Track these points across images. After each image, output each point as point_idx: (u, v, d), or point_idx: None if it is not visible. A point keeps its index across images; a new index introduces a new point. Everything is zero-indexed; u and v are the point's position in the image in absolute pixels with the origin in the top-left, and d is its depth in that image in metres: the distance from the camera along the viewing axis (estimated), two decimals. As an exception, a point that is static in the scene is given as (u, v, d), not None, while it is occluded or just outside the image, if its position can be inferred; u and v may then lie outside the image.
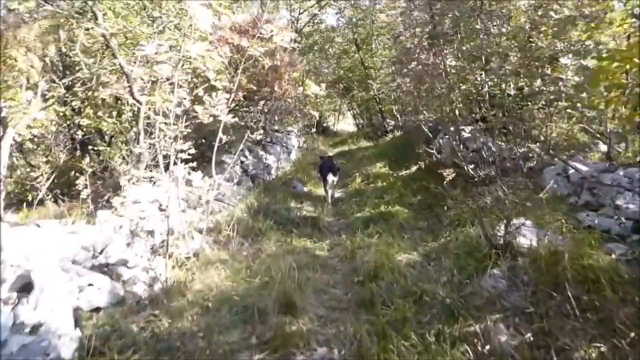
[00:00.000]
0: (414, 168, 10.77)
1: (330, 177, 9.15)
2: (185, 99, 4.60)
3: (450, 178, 7.50)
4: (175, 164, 5.24)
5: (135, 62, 6.13)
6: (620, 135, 6.94)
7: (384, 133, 19.14)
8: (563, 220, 5.37)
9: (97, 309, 4.25)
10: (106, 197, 6.47)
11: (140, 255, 5.33)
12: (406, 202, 8.35)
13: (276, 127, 13.50)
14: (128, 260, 4.90)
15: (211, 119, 5.16)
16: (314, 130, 18.74)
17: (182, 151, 4.87)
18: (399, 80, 12.02)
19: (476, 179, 7.62)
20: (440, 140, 11.09)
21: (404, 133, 16.54)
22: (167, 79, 4.80)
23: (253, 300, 4.59)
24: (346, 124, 32.29)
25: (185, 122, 5.37)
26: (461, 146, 9.49)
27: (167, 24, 4.91)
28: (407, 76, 9.62)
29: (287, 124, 14.10)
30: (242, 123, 11.23)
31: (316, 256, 6.23)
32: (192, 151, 5.29)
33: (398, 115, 18.15)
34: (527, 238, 4.92)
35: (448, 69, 7.77)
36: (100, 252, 4.80)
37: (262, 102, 11.05)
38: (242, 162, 9.47)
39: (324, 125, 28.77)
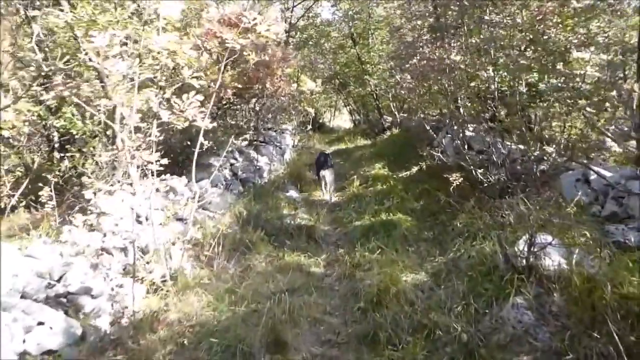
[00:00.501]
0: (414, 169, 10.09)
1: (322, 172, 9.25)
2: (152, 100, 3.89)
3: (457, 183, 6.80)
4: (145, 176, 4.53)
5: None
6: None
7: (381, 130, 18.47)
8: (589, 235, 4.69)
9: (49, 352, 3.54)
10: (77, 208, 5.75)
11: (110, 278, 4.62)
12: (408, 209, 7.66)
13: (269, 126, 12.79)
14: (92, 288, 4.19)
15: (186, 123, 4.44)
16: (309, 127, 18.00)
17: (149, 162, 4.16)
18: (398, 76, 11.31)
19: (485, 184, 6.92)
20: (443, 140, 10.40)
21: (402, 131, 15.84)
22: (126, 77, 4.08)
23: (237, 336, 3.89)
24: (342, 120, 31.60)
25: (158, 127, 4.66)
26: (465, 146, 8.79)
27: (125, 12, 4.21)
28: (408, 72, 8.89)
29: (280, 122, 13.38)
30: (233, 122, 10.51)
31: (311, 274, 5.55)
32: (165, 161, 4.57)
33: (396, 112, 17.48)
34: (552, 259, 4.23)
35: (454, 64, 7.05)
36: (59, 280, 4.09)
37: (253, 100, 10.33)
38: (231, 165, 8.74)
39: (320, 121, 28.11)
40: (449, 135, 10.21)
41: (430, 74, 7.14)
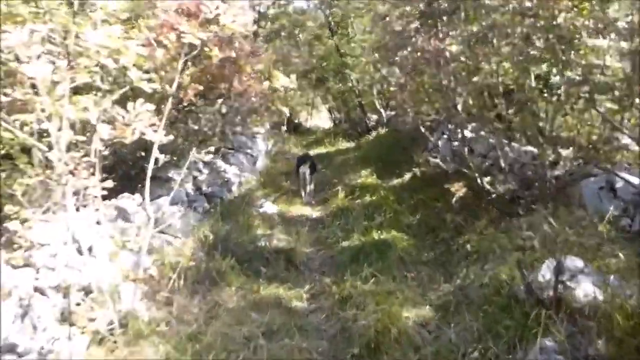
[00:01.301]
0: (407, 176, 9.78)
1: (302, 169, 9.60)
2: (90, 111, 3.41)
3: (461, 195, 6.47)
4: (89, 199, 4.05)
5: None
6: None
7: (365, 130, 18.17)
8: (622, 256, 4.38)
9: None
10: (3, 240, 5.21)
11: (43, 328, 4.12)
12: (403, 224, 7.32)
13: (239, 130, 12.33)
14: (17, 345, 3.69)
15: (135, 136, 3.97)
16: (284, 129, 17.58)
17: (88, 187, 3.69)
18: (384, 70, 10.99)
19: (493, 194, 6.60)
20: (439, 142, 10.10)
21: (390, 130, 15.56)
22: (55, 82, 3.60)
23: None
24: (321, 119, 31.25)
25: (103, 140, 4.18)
26: (465, 149, 8.48)
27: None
28: (397, 65, 8.56)
29: (252, 126, 12.93)
30: (196, 128, 10.03)
31: (293, 311, 5.13)
32: (109, 184, 4.10)
33: (382, 110, 17.20)
34: (584, 288, 3.89)
35: (451, 56, 6.72)
36: (-26, 338, 3.58)
37: (219, 102, 9.86)
38: (194, 178, 8.26)
39: (296, 122, 27.72)
40: (446, 136, 9.91)
41: (425, 68, 6.80)
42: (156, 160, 4.65)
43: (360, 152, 13.28)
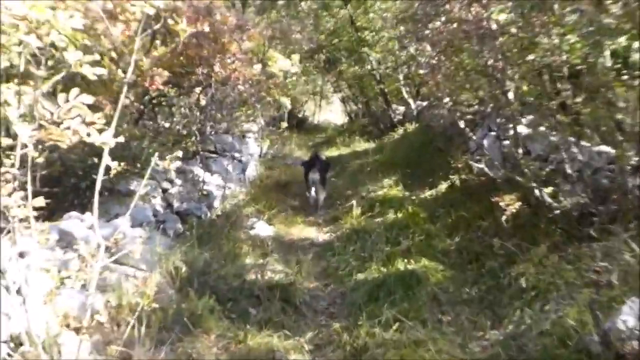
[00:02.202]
0: (443, 186, 9.63)
1: (312, 176, 9.92)
2: (9, 105, 3.26)
3: (513, 211, 6.29)
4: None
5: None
6: None
7: (389, 126, 18.04)
8: None
9: None
10: None
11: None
12: (438, 250, 7.18)
13: (223, 127, 12.27)
14: None
15: (76, 138, 3.83)
16: (284, 125, 17.51)
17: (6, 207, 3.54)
18: (413, 47, 10.86)
19: (556, 210, 6.41)
20: (484, 141, 9.93)
21: (420, 126, 15.43)
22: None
23: None
24: (332, 112, 31.16)
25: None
26: (519, 151, 8.32)
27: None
28: (428, 41, 8.42)
29: (241, 121, 12.89)
30: (168, 125, 9.97)
31: (290, 370, 4.98)
32: (40, 202, 3.96)
33: (410, 100, 17.07)
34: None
35: (497, 27, 6.56)
36: None
37: (197, 91, 9.81)
38: (164, 191, 8.15)
39: (300, 115, 27.61)
40: (493, 134, 9.74)
41: (463, 43, 6.64)
42: (107, 169, 4.51)
43: (382, 155, 13.14)
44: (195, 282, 6.21)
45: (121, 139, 4.26)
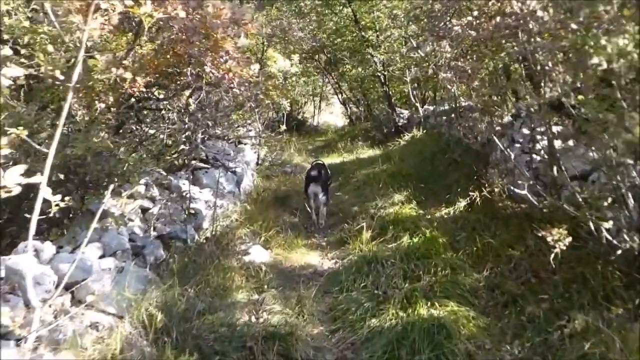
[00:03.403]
0: (461, 204, 8.43)
1: (312, 188, 9.27)
2: None
3: (564, 247, 5.07)
4: None
5: None
6: None
7: (394, 131, 17.00)
8: None
9: None
10: None
11: None
12: (465, 288, 5.96)
13: (217, 132, 11.06)
14: None
15: None
16: (282, 128, 16.30)
17: None
18: (428, 48, 9.68)
19: (617, 248, 5.19)
20: (509, 151, 8.74)
21: (428, 133, 14.27)
22: None
23: None
24: (332, 114, 30.20)
25: None
26: (555, 168, 7.11)
27: None
28: (448, 39, 7.22)
29: (236, 126, 11.69)
30: (151, 132, 8.72)
31: None
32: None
33: (418, 104, 15.93)
34: None
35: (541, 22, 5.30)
36: None
37: (186, 94, 8.57)
38: (143, 212, 6.91)
39: (299, 117, 26.61)
40: (517, 146, 8.52)
41: (505, 40, 5.42)
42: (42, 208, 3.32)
43: (390, 165, 11.87)
44: (174, 331, 4.99)
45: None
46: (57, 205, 3.46)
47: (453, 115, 12.24)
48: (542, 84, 5.35)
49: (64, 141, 6.33)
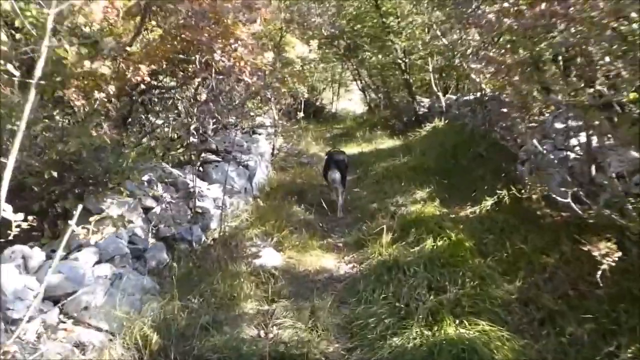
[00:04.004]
0: (487, 202, 7.78)
1: (332, 175, 9.18)
2: None
3: (611, 262, 4.42)
4: None
5: None
6: None
7: (414, 120, 16.36)
8: None
9: None
10: None
11: None
12: (497, 302, 5.30)
13: (231, 121, 10.45)
14: None
15: None
16: (300, 115, 15.62)
17: None
18: (447, 38, 8.99)
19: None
20: (537, 144, 8.05)
21: (450, 124, 13.59)
22: None
23: None
24: (350, 101, 29.51)
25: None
26: (592, 167, 6.45)
27: None
28: (480, 27, 6.52)
29: (250, 115, 11.08)
30: (159, 123, 8.13)
31: None
32: None
33: (440, 93, 15.23)
34: None
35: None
36: None
37: (196, 82, 7.97)
38: (146, 211, 6.32)
39: (317, 104, 25.97)
40: (549, 141, 7.79)
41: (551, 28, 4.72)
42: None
43: (411, 158, 11.20)
44: (173, 352, 4.42)
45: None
46: (18, 226, 2.85)
47: (477, 106, 11.58)
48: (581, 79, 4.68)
49: (59, 135, 5.78)
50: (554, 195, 5.61)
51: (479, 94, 11.41)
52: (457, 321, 4.93)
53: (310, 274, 6.61)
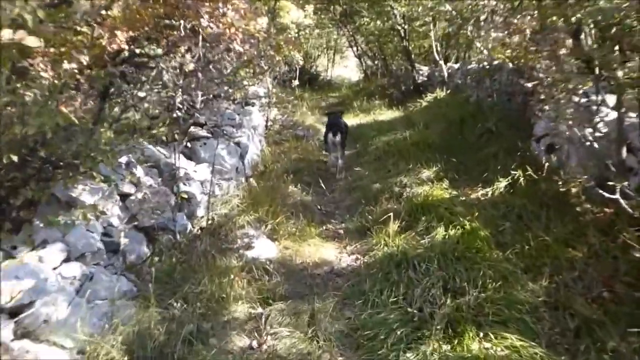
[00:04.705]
0: (501, 184, 7.04)
1: (331, 138, 9.16)
2: None
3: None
4: None
5: None
6: None
7: (411, 89, 15.59)
8: None
9: None
10: None
11: None
12: (524, 307, 4.55)
13: (220, 92, 9.57)
14: None
15: None
16: (295, 83, 14.76)
17: None
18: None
19: None
20: (544, 120, 7.27)
21: (453, 94, 12.79)
22: None
23: None
24: (346, 68, 28.62)
25: None
26: (623, 149, 5.70)
27: None
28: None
29: (242, 86, 10.22)
30: (142, 95, 7.25)
31: None
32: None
33: (442, 62, 14.37)
34: None
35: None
36: None
37: (182, 51, 7.06)
38: (123, 198, 5.48)
39: (312, 71, 25.08)
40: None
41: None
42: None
43: (413, 132, 10.33)
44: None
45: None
46: None
47: (484, 76, 10.77)
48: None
49: (19, 113, 4.93)
50: (604, 194, 4.77)
51: (485, 63, 10.59)
52: (481, 334, 4.19)
53: (308, 267, 5.82)
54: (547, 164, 6.81)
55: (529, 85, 5.86)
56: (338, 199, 8.06)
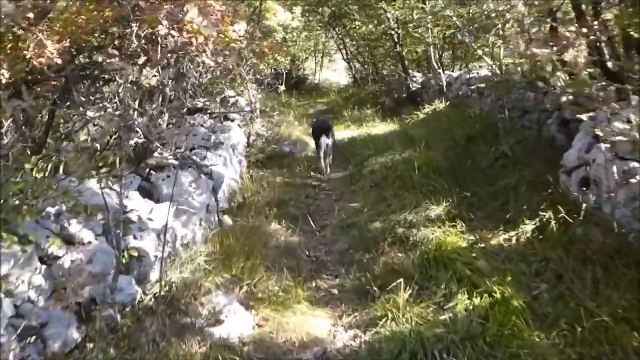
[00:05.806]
0: (527, 227, 5.66)
1: (324, 140, 9.34)
2: None
3: None
4: None
5: None
6: None
7: (405, 97, 14.42)
8: None
9: None
10: None
11: None
12: None
13: (198, 104, 8.19)
14: None
15: None
16: (282, 88, 13.48)
17: None
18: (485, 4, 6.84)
19: None
20: (577, 145, 5.94)
21: (453, 106, 11.46)
22: None
23: None
24: (334, 71, 27.38)
25: None
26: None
27: None
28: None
29: (221, 94, 8.87)
30: (90, 116, 5.80)
31: None
32: None
33: (440, 69, 13.06)
34: None
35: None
36: None
37: (142, 62, 5.60)
38: (49, 262, 3.98)
39: (299, 74, 23.82)
40: (603, 146, 5.57)
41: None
42: None
43: (413, 152, 8.66)
44: None
45: None
46: None
47: (493, 87, 9.39)
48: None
49: None
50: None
51: (493, 73, 9.26)
52: None
53: (293, 348, 4.32)
54: (584, 204, 5.48)
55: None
56: (329, 240, 6.54)
